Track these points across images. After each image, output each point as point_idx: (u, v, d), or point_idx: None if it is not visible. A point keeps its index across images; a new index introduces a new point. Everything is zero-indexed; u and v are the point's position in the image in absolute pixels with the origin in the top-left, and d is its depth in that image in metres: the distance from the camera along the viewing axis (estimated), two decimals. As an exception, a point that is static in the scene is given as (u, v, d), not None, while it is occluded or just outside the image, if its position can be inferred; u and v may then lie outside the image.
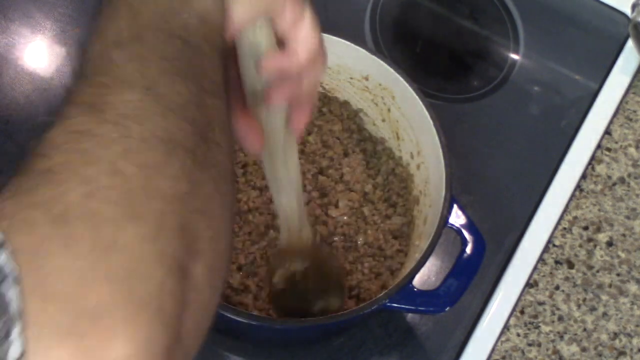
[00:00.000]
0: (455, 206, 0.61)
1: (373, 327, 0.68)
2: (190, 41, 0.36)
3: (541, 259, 0.72)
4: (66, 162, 0.29)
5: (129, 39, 0.35)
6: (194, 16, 0.37)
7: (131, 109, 0.31)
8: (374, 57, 0.67)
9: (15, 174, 0.30)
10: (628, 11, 0.83)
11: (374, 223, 0.68)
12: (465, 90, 0.81)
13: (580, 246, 0.73)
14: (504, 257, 0.71)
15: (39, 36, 0.80)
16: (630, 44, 0.82)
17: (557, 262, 0.72)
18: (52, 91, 0.76)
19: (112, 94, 0.32)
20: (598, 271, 0.72)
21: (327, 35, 0.65)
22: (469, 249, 0.60)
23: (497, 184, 0.76)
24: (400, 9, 0.86)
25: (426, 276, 0.69)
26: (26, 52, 0.79)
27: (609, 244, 0.73)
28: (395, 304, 0.57)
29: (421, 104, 0.64)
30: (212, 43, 0.38)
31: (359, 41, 0.68)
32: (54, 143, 0.30)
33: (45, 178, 0.29)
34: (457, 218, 0.61)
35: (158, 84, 0.33)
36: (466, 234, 0.60)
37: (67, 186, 0.28)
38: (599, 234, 0.74)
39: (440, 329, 0.68)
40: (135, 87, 0.32)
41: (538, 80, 0.82)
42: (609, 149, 0.78)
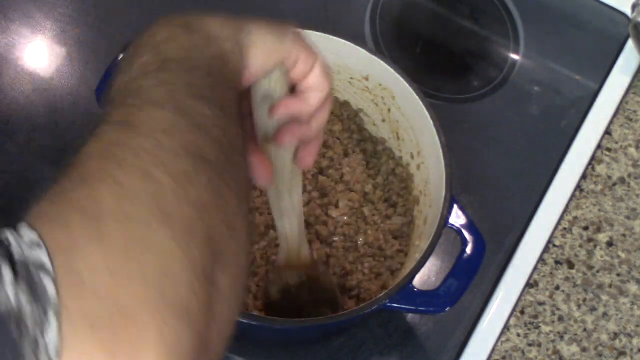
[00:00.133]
0: (455, 206, 0.61)
1: (373, 327, 0.68)
2: (212, 74, 0.38)
3: (541, 259, 0.72)
4: (100, 167, 0.31)
5: (155, 69, 0.37)
6: (215, 54, 0.40)
7: (162, 125, 0.33)
8: (374, 57, 0.67)
9: (52, 184, 0.31)
10: (628, 11, 0.83)
11: (374, 223, 0.68)
12: (465, 90, 0.81)
13: (580, 246, 0.73)
14: (504, 257, 0.71)
15: (39, 36, 0.80)
16: (630, 44, 0.82)
17: (557, 262, 0.72)
18: (52, 91, 0.76)
19: (143, 112, 0.34)
20: (598, 271, 0.72)
21: (327, 35, 0.66)
22: (469, 249, 0.60)
23: (497, 184, 0.76)
24: (400, 9, 0.86)
25: (426, 276, 0.69)
26: (26, 52, 0.79)
27: (609, 244, 0.73)
28: (395, 304, 0.57)
29: (421, 104, 0.64)
30: (230, 82, 0.40)
31: (359, 41, 0.68)
32: (88, 154, 0.32)
33: (80, 181, 0.30)
34: (457, 218, 0.61)
35: (187, 106, 0.35)
36: (466, 234, 0.60)
37: (101, 189, 0.30)
38: (599, 234, 0.74)
39: (440, 329, 0.68)
40: (165, 106, 0.34)
41: (538, 80, 0.82)
42: (609, 149, 0.78)
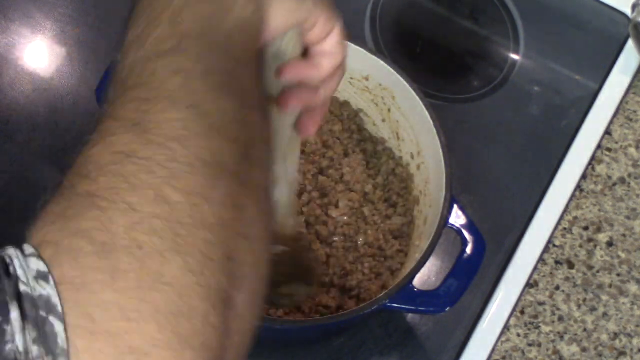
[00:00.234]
0: (455, 206, 0.61)
1: (373, 327, 0.68)
2: (231, 52, 0.36)
3: (541, 259, 0.72)
4: (110, 187, 0.29)
5: (172, 49, 0.34)
6: (234, 24, 0.37)
7: (175, 129, 0.31)
8: (374, 57, 0.67)
9: (58, 192, 0.30)
10: (628, 11, 0.83)
11: (374, 223, 0.68)
12: (465, 90, 0.81)
13: (580, 246, 0.73)
14: (504, 257, 0.71)
15: (39, 36, 0.80)
16: (630, 44, 0.82)
17: (557, 262, 0.72)
18: (52, 91, 0.76)
19: (156, 111, 0.31)
20: (598, 271, 0.72)
21: (327, 35, 0.66)
22: (469, 249, 0.60)
23: (497, 184, 0.76)
24: (400, 9, 0.86)
25: (426, 276, 0.69)
26: (26, 52, 0.79)
27: (609, 244, 0.73)
28: (395, 304, 0.57)
29: (421, 104, 0.64)
30: (251, 52, 0.38)
31: (359, 41, 0.68)
32: (97, 164, 0.30)
33: (89, 203, 0.28)
34: (457, 218, 0.61)
35: (202, 101, 0.32)
36: (466, 234, 0.60)
37: (111, 214, 0.28)
38: (599, 234, 0.74)
39: (440, 329, 0.68)
40: (179, 104, 0.32)
41: (538, 80, 0.82)
42: (609, 149, 0.78)
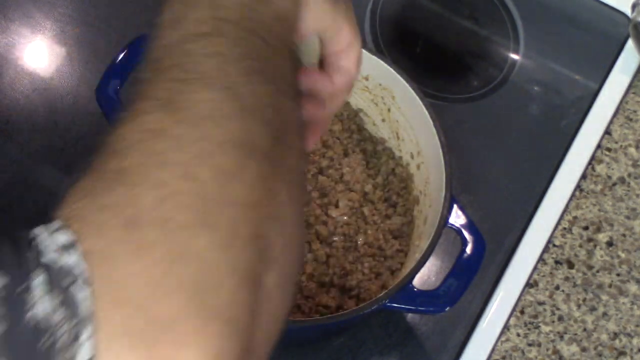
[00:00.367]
0: (455, 206, 0.61)
1: (373, 327, 0.68)
2: (268, 40, 0.35)
3: (541, 259, 0.72)
4: (140, 163, 0.29)
5: (209, 32, 0.33)
6: (272, 14, 0.36)
7: (208, 109, 0.30)
8: (374, 57, 0.67)
9: (88, 170, 0.29)
10: (628, 11, 0.83)
11: (374, 223, 0.68)
12: (465, 90, 0.81)
13: (580, 246, 0.73)
14: (504, 257, 0.71)
15: (39, 36, 0.80)
16: (630, 44, 0.82)
17: (557, 262, 0.72)
18: (52, 91, 0.76)
19: (190, 91, 0.31)
20: (598, 271, 0.72)
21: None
22: (469, 249, 0.60)
23: (497, 184, 0.76)
24: (400, 9, 0.86)
25: (426, 276, 0.69)
26: (26, 52, 0.79)
27: (609, 244, 0.73)
28: (395, 304, 0.57)
29: (421, 104, 0.64)
30: (286, 43, 0.37)
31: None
32: (128, 141, 0.30)
33: (118, 179, 0.28)
34: (457, 218, 0.61)
35: (236, 84, 0.32)
36: (466, 234, 0.60)
37: (139, 189, 0.28)
38: (599, 234, 0.74)
39: (440, 329, 0.68)
40: (214, 85, 0.31)
41: (538, 80, 0.82)
42: (609, 149, 0.78)
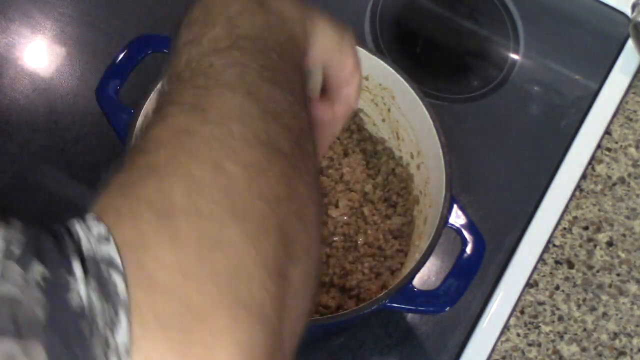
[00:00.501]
0: (455, 206, 0.61)
1: (373, 327, 0.68)
2: (283, 57, 0.37)
3: (541, 259, 0.72)
4: (170, 158, 0.30)
5: (228, 46, 0.35)
6: (286, 36, 0.38)
7: (233, 111, 0.32)
8: (374, 57, 0.67)
9: (118, 169, 0.30)
10: (628, 11, 0.83)
11: (374, 223, 0.68)
12: (465, 90, 0.81)
13: (580, 246, 0.73)
14: (504, 257, 0.71)
15: (39, 36, 0.80)
16: (630, 44, 0.82)
17: (557, 262, 0.72)
18: (52, 91, 0.76)
19: (214, 95, 0.32)
20: (598, 271, 0.72)
21: (327, 35, 0.66)
22: (469, 249, 0.60)
23: (497, 184, 0.76)
24: (400, 9, 0.86)
25: (426, 276, 0.69)
26: (26, 52, 0.79)
27: (609, 244, 0.73)
28: (395, 304, 0.57)
29: (421, 104, 0.64)
30: (299, 66, 0.39)
31: (359, 41, 0.68)
32: (157, 141, 0.31)
33: (149, 173, 0.29)
34: (457, 218, 0.61)
35: (258, 90, 0.33)
36: (466, 234, 0.60)
37: (171, 182, 0.29)
38: (599, 234, 0.74)
39: (440, 329, 0.68)
40: (237, 90, 0.33)
41: (538, 80, 0.82)
42: (609, 149, 0.78)
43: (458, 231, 0.61)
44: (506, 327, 0.68)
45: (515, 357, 0.68)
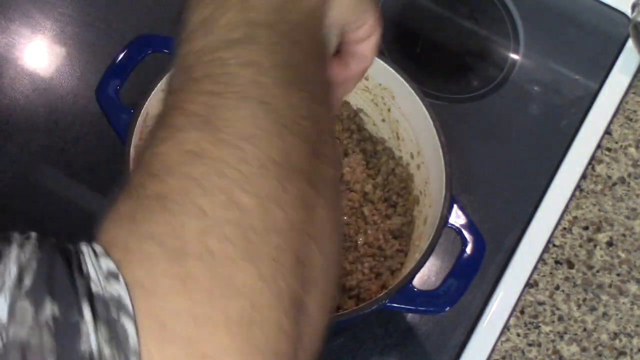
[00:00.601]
0: (455, 206, 0.61)
1: (373, 327, 0.68)
2: (300, 44, 0.35)
3: (541, 259, 0.72)
4: (181, 189, 0.29)
5: (242, 38, 0.33)
6: (303, 14, 0.36)
7: (246, 127, 0.30)
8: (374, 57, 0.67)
9: (125, 191, 0.29)
10: (628, 11, 0.83)
11: (374, 223, 0.68)
12: (465, 90, 0.81)
13: (580, 246, 0.73)
14: (504, 257, 0.71)
15: (39, 36, 0.80)
16: (630, 44, 0.82)
17: (557, 262, 0.72)
18: (52, 91, 0.76)
19: (226, 107, 0.31)
20: (598, 271, 0.72)
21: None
22: (469, 249, 0.60)
23: (498, 184, 0.76)
24: (400, 9, 0.86)
25: (426, 276, 0.69)
26: (26, 52, 0.79)
27: (609, 244, 0.73)
28: (395, 304, 0.57)
29: (421, 104, 0.64)
30: (317, 41, 0.37)
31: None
32: (166, 163, 0.30)
33: (159, 206, 0.28)
34: (457, 218, 0.61)
35: (273, 97, 0.32)
36: (466, 234, 0.60)
37: (182, 219, 0.28)
38: (599, 234, 0.74)
39: (440, 329, 0.68)
40: (250, 100, 0.31)
41: (538, 80, 0.82)
42: (609, 149, 0.78)
43: (458, 231, 0.61)
44: (506, 327, 0.68)
45: (515, 357, 0.68)
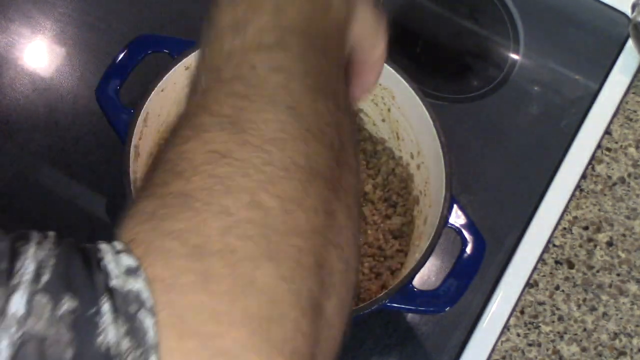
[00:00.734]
0: (455, 206, 0.61)
1: (373, 327, 0.68)
2: (328, 53, 0.36)
3: (541, 259, 0.72)
4: (204, 188, 0.29)
5: (274, 43, 0.33)
6: (332, 25, 0.37)
7: (273, 131, 0.30)
8: (374, 57, 0.67)
9: (149, 189, 0.30)
10: (628, 11, 0.83)
11: (374, 223, 0.68)
12: (465, 90, 0.81)
13: (580, 246, 0.73)
14: (504, 257, 0.71)
15: (39, 36, 0.80)
16: (630, 44, 0.82)
17: (557, 262, 0.72)
18: (52, 91, 0.76)
19: (254, 110, 0.31)
20: (598, 271, 0.72)
21: (327, 35, 0.66)
22: (469, 249, 0.60)
23: (497, 184, 0.76)
24: (400, 9, 0.86)
25: (426, 276, 0.69)
26: (26, 52, 0.79)
27: (609, 244, 0.73)
28: (395, 304, 0.57)
29: (421, 104, 0.64)
30: (342, 52, 0.38)
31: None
32: (191, 162, 0.30)
33: (182, 204, 0.28)
34: (457, 218, 0.61)
35: (300, 103, 0.32)
36: (466, 234, 0.60)
37: (204, 217, 0.28)
38: (599, 234, 0.74)
39: (440, 329, 0.68)
40: (278, 104, 0.31)
41: (538, 80, 0.82)
42: (609, 149, 0.78)
43: (458, 231, 0.61)
44: (506, 327, 0.68)
45: (515, 357, 0.68)
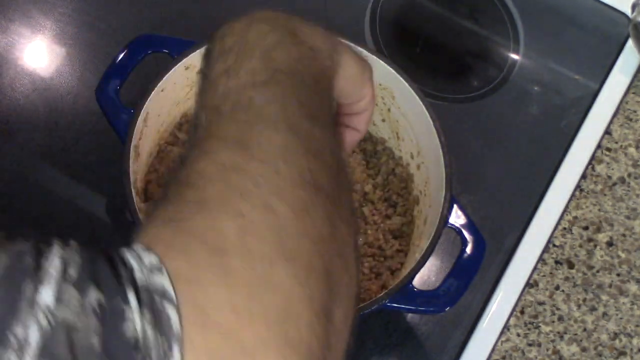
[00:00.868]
0: (455, 206, 0.61)
1: (373, 327, 0.68)
2: (318, 91, 0.38)
3: (541, 259, 0.72)
4: (220, 194, 0.30)
5: (266, 80, 0.35)
6: (319, 70, 0.39)
7: (277, 147, 0.32)
8: (374, 57, 0.67)
9: (163, 201, 0.31)
10: (628, 11, 0.83)
11: (374, 223, 0.68)
12: (465, 90, 0.81)
13: (580, 246, 0.73)
14: (504, 257, 0.71)
15: (39, 36, 0.80)
16: (630, 44, 0.82)
17: (557, 262, 0.72)
18: (52, 91, 0.76)
19: (257, 131, 0.32)
20: (598, 271, 0.72)
21: (327, 35, 0.66)
22: (469, 249, 0.60)
23: (497, 184, 0.76)
24: (400, 9, 0.86)
25: (426, 276, 0.69)
26: (26, 52, 0.79)
27: (609, 244, 0.73)
28: (395, 304, 0.57)
29: (421, 104, 0.64)
30: (330, 96, 0.40)
31: (359, 41, 0.68)
32: (203, 175, 0.31)
33: (199, 208, 0.29)
34: (457, 218, 0.61)
35: (299, 128, 0.34)
36: (466, 234, 0.60)
37: (222, 219, 0.29)
38: (599, 234, 0.74)
39: (440, 329, 0.68)
40: (279, 127, 0.33)
41: (538, 80, 0.82)
42: (609, 149, 0.78)
43: (458, 231, 0.61)
44: (506, 327, 0.68)
45: (515, 357, 0.68)
